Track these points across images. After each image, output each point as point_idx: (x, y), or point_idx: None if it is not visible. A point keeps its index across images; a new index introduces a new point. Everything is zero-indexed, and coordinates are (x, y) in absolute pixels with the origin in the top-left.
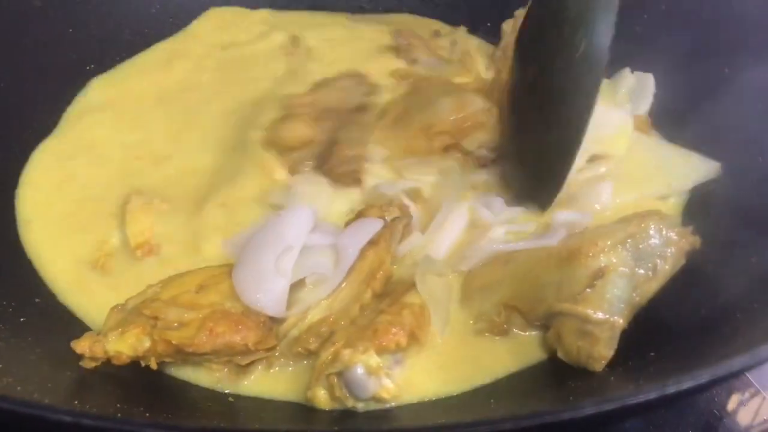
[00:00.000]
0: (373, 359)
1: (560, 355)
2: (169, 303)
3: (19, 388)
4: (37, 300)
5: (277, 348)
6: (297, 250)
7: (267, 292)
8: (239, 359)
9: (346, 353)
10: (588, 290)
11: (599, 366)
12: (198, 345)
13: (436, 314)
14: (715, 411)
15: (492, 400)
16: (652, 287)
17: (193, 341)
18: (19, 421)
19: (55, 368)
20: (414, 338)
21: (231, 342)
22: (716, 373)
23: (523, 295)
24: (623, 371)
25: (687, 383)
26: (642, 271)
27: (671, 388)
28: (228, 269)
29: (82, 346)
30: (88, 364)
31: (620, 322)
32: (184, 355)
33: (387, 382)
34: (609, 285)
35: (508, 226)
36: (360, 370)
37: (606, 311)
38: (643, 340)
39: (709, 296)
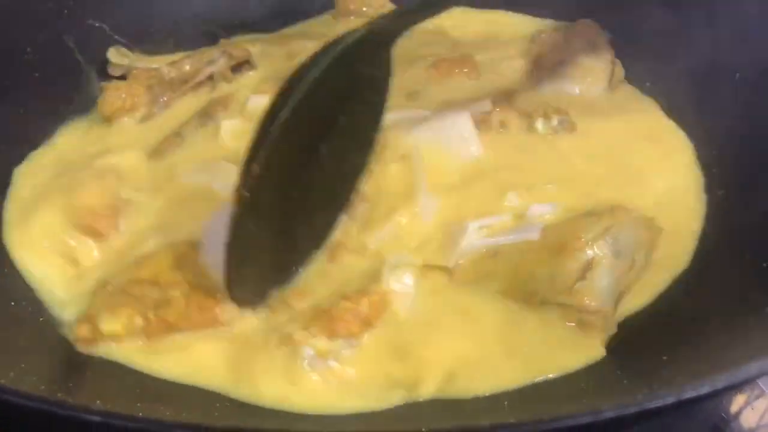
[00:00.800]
0: (322, 343)
1: None
2: (153, 282)
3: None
4: None
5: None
6: None
7: None
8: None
9: (299, 334)
10: (581, 282)
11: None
12: (191, 321)
13: (402, 305)
14: (723, 414)
15: (505, 402)
16: (631, 277)
17: (187, 317)
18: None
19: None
20: (367, 324)
21: (219, 315)
22: (734, 378)
23: (518, 287)
24: (635, 374)
25: (704, 388)
26: (622, 262)
27: (689, 393)
28: (192, 244)
29: (81, 329)
30: (83, 348)
31: (611, 310)
32: (177, 331)
33: (333, 364)
34: (598, 276)
35: (481, 221)
36: (309, 352)
37: (599, 301)
38: (656, 342)
39: (722, 298)
